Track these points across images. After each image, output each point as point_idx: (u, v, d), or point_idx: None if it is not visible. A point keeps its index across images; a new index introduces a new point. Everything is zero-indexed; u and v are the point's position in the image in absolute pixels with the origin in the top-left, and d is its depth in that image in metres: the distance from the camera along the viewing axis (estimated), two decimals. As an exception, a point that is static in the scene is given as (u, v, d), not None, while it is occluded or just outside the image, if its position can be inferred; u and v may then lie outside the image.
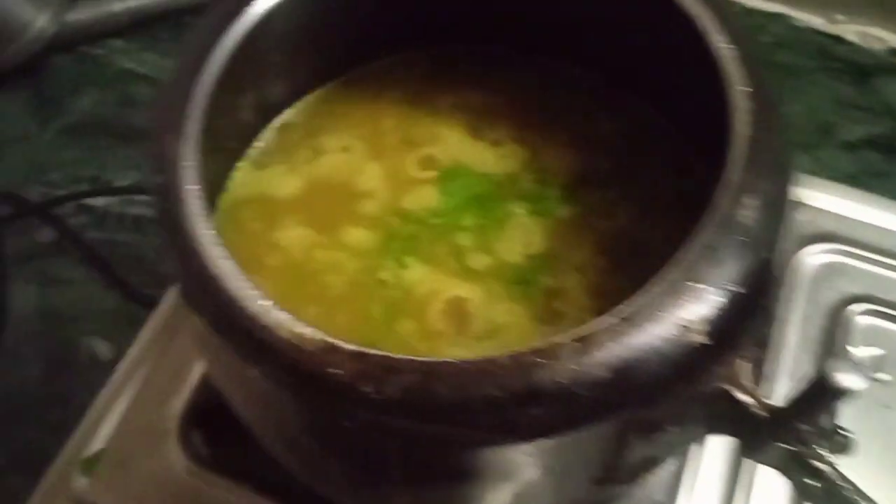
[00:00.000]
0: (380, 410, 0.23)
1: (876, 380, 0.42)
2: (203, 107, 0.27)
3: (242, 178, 0.38)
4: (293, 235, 0.37)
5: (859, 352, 0.42)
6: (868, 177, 0.62)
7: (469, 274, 0.35)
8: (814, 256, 0.45)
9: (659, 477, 0.38)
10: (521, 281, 0.35)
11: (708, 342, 0.23)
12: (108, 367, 0.59)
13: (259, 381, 0.25)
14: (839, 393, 0.21)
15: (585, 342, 0.23)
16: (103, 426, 0.43)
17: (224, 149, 0.35)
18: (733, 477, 0.39)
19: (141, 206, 0.67)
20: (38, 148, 0.70)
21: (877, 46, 0.69)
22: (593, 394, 0.23)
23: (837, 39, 0.69)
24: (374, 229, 0.37)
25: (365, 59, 0.40)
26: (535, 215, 0.37)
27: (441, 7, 0.38)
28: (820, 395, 0.22)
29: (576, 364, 0.23)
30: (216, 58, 0.28)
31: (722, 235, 0.25)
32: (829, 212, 0.47)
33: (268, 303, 0.24)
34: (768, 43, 0.70)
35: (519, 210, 0.38)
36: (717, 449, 0.39)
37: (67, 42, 0.74)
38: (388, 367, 0.23)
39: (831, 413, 0.23)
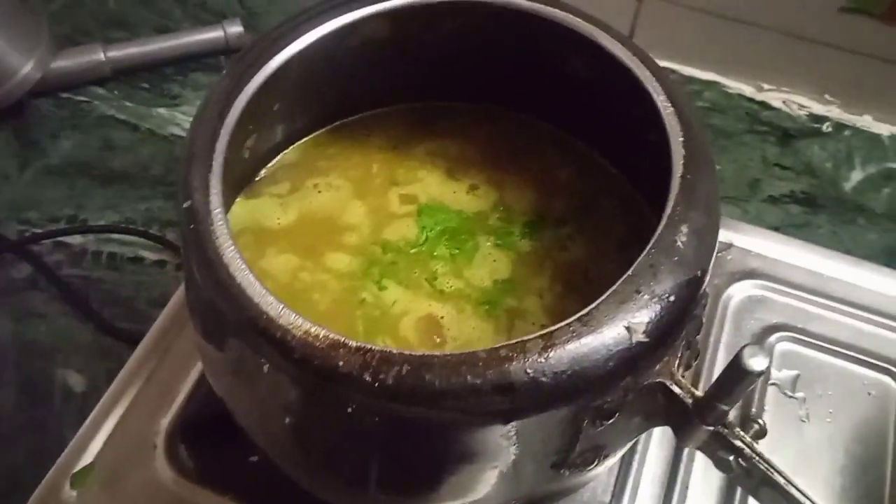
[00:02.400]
0: (377, 396, 0.27)
1: (793, 397, 0.47)
2: (226, 144, 0.32)
3: (240, 211, 0.42)
4: (279, 261, 0.41)
5: (780, 374, 0.48)
6: (790, 227, 0.68)
7: (441, 296, 0.40)
8: (739, 291, 0.51)
9: (604, 480, 0.43)
10: (487, 302, 0.40)
11: (647, 340, 0.29)
12: (81, 399, 0.62)
13: (271, 376, 0.29)
14: (749, 374, 0.26)
15: (549, 340, 0.28)
16: (93, 442, 0.46)
17: (229, 185, 0.39)
18: (671, 479, 0.44)
19: (117, 245, 0.69)
20: (17, 188, 0.72)
21: (799, 112, 0.76)
22: (555, 382, 0.27)
23: (764, 105, 0.77)
24: (357, 256, 0.41)
25: (355, 110, 0.45)
26: (500, 247, 0.43)
27: (421, 70, 0.44)
28: (734, 378, 0.27)
29: (541, 357, 0.27)
30: (238, 104, 0.33)
31: (660, 256, 0.30)
32: (753, 252, 0.53)
33: (285, 307, 0.28)
34: (703, 107, 0.77)
35: (487, 243, 0.43)
36: (656, 455, 0.45)
37: (50, 88, 0.76)
38: (385, 359, 0.27)
39: (744, 396, 0.28)
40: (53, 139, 0.75)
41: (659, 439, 0.46)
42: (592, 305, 0.29)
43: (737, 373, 0.26)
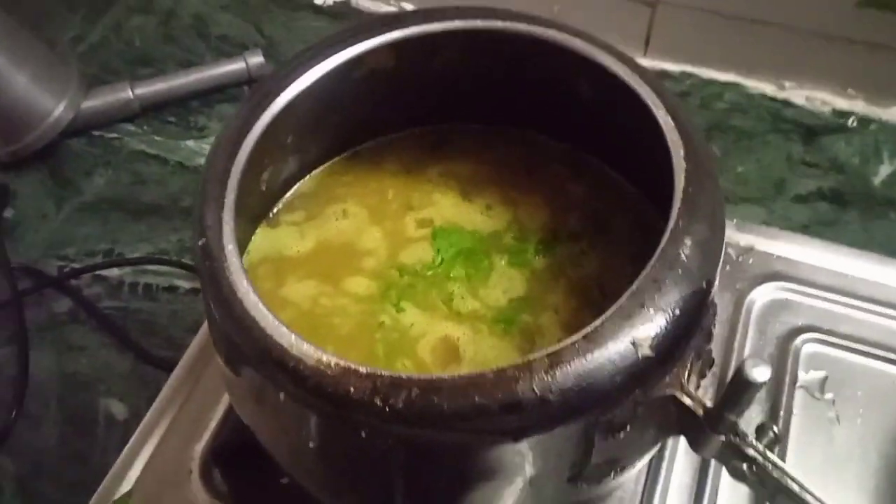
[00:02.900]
0: (388, 420, 0.28)
1: (822, 399, 0.47)
2: (237, 182, 0.33)
3: (260, 242, 0.43)
4: (300, 288, 0.42)
5: (807, 376, 0.48)
6: (819, 225, 0.68)
7: (458, 317, 0.41)
8: (763, 295, 0.51)
9: (631, 489, 0.43)
10: (503, 320, 0.41)
11: (653, 355, 0.29)
12: (123, 427, 0.64)
13: (288, 404, 0.30)
14: (752, 384, 0.26)
15: (555, 358, 0.29)
16: (131, 471, 0.47)
17: (247, 217, 0.40)
18: (700, 487, 0.44)
19: (152, 276, 0.71)
20: (54, 225, 0.75)
21: (822, 108, 0.75)
22: (562, 399, 0.28)
23: (786, 103, 0.76)
24: (375, 279, 0.42)
25: (367, 138, 0.46)
26: (515, 266, 0.43)
27: (430, 95, 0.45)
28: (739, 388, 0.27)
29: (547, 376, 0.28)
30: (247, 142, 0.35)
31: (664, 270, 0.31)
32: (775, 255, 0.53)
33: (297, 338, 0.29)
34: (724, 109, 0.77)
35: (501, 262, 0.43)
36: (683, 463, 0.45)
37: (82, 127, 0.79)
38: (395, 383, 0.28)
39: (751, 404, 0.28)
40: (87, 177, 0.78)
41: (686, 447, 0.45)
42: (597, 322, 0.29)
43: (741, 384, 0.27)
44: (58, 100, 0.77)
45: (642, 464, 0.37)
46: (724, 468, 0.44)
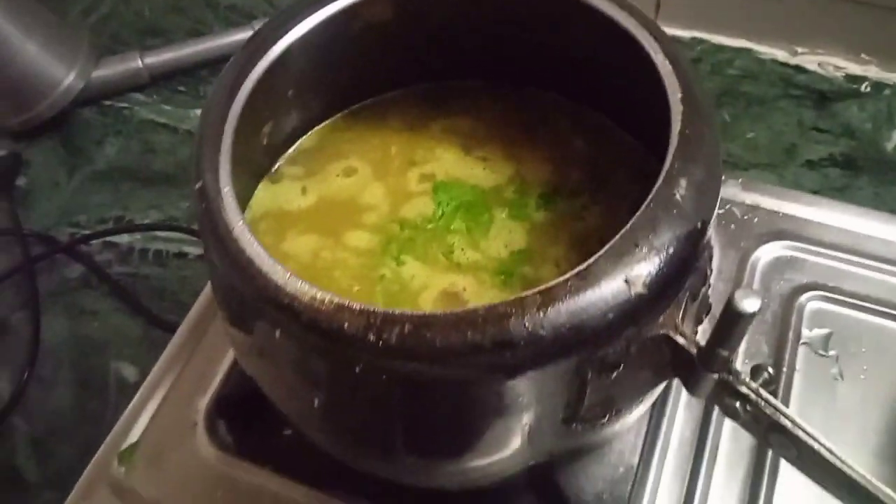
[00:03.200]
0: (381, 355, 0.28)
1: (826, 356, 0.47)
2: (234, 128, 0.33)
3: (262, 196, 0.44)
4: (301, 242, 0.43)
5: (811, 333, 0.48)
6: (830, 191, 0.67)
7: (458, 268, 0.41)
8: (768, 253, 0.51)
9: (631, 442, 0.43)
10: (503, 272, 0.41)
11: (646, 293, 0.29)
12: (134, 389, 0.64)
13: (284, 342, 0.30)
14: (743, 316, 0.26)
15: (547, 295, 0.29)
16: (138, 422, 0.48)
17: (249, 171, 0.41)
18: (700, 441, 0.44)
19: (162, 242, 0.72)
20: (66, 193, 0.76)
21: (835, 74, 0.74)
22: (554, 336, 0.28)
23: (798, 69, 0.75)
24: (376, 233, 0.42)
25: (368, 94, 0.46)
26: (515, 219, 0.43)
27: (428, 50, 0.45)
28: (730, 322, 0.27)
29: (540, 312, 0.28)
30: (245, 87, 0.35)
31: (659, 210, 0.31)
32: (781, 214, 0.52)
33: (292, 275, 0.30)
34: (735, 75, 0.76)
35: (502, 215, 0.43)
36: (684, 417, 0.45)
37: (93, 97, 0.80)
38: (388, 319, 0.28)
39: (742, 338, 0.28)
40: (98, 145, 0.79)
41: (687, 401, 0.45)
42: (591, 260, 0.29)
43: (732, 317, 0.27)
44: (68, 69, 0.77)
45: (639, 412, 0.37)
46: (724, 424, 0.44)
